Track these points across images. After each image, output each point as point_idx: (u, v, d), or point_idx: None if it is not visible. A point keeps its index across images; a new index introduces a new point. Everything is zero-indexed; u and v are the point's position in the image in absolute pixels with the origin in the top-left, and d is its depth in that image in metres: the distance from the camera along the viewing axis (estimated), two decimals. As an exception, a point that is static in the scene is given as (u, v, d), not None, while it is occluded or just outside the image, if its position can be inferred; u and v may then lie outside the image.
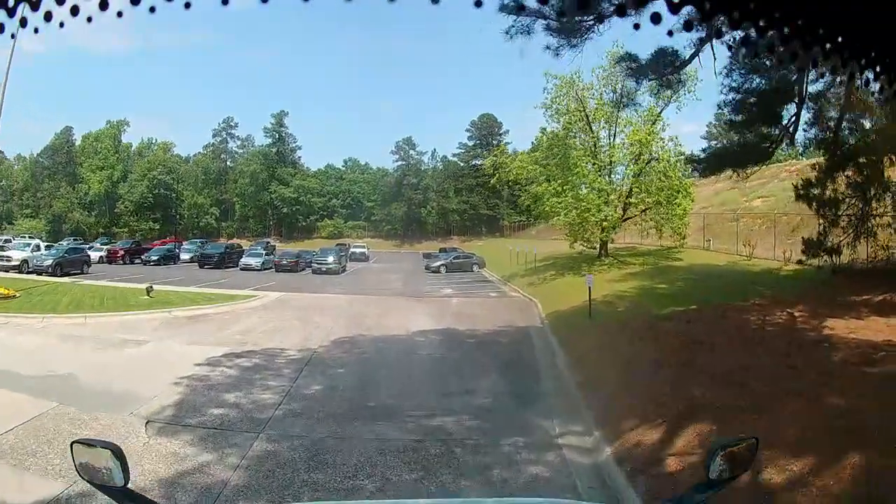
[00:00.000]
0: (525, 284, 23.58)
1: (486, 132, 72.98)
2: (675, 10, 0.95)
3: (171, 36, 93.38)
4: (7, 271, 26.48)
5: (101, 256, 36.01)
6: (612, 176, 25.34)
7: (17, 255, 28.51)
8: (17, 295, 16.81)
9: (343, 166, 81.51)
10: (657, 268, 20.94)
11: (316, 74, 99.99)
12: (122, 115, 76.14)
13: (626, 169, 25.19)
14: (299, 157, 78.64)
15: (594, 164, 24.71)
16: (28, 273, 26.53)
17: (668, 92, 17.78)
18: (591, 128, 25.26)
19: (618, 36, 21.92)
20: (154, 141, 76.83)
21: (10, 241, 39.95)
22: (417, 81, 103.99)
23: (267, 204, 73.78)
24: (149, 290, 17.73)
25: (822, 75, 1.13)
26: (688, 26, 0.99)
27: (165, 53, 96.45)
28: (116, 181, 70.47)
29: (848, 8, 1.04)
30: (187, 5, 0.94)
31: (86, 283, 22.41)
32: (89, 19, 0.91)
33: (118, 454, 1.60)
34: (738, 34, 1.00)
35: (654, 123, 24.30)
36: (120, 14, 0.91)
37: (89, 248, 38.17)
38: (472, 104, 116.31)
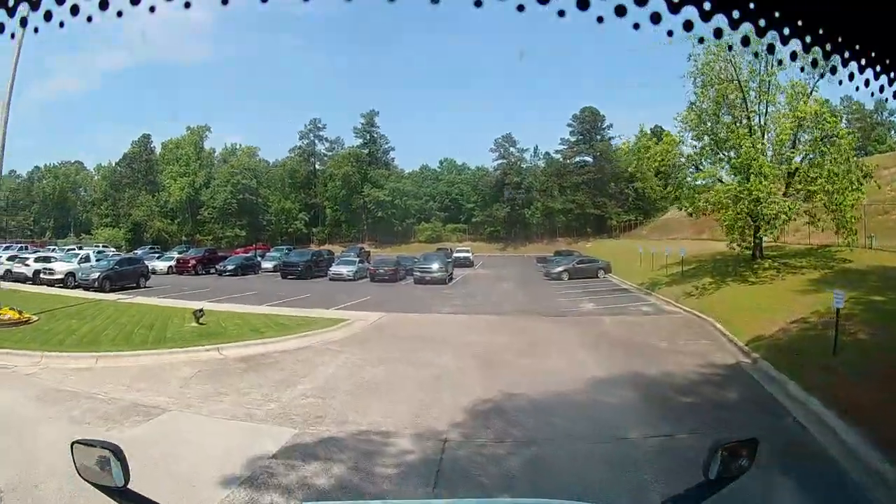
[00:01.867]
0: (679, 295, 19.23)
1: (589, 126, 67.30)
2: (674, 9, 0.95)
3: (252, 42, 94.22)
4: (51, 285, 23.54)
5: (169, 267, 32.45)
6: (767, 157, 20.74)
7: (61, 268, 25.22)
8: (34, 319, 13.85)
9: (439, 167, 76.48)
10: (838, 272, 16.88)
11: (406, 74, 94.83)
12: (202, 122, 72.52)
13: (787, 150, 21.13)
14: (392, 159, 73.81)
15: (753, 143, 20.48)
16: (73, 287, 23.32)
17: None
18: (745, 100, 21.23)
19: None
20: (238, 146, 73.73)
21: (56, 249, 36.68)
22: (513, 76, 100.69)
23: (360, 207, 69.18)
24: (198, 316, 13.33)
25: (823, 75, 1.13)
26: (688, 27, 0.99)
27: (247, 60, 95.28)
28: (199, 188, 67.31)
29: (848, 8, 1.04)
30: (187, 5, 0.94)
31: (129, 302, 18.52)
32: (89, 19, 0.91)
33: (119, 455, 1.60)
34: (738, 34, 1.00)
35: (807, 98, 20.37)
36: (120, 14, 0.91)
37: (158, 257, 34.87)
38: (572, 98, 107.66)
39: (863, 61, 1.10)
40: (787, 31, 1.02)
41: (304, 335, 12.86)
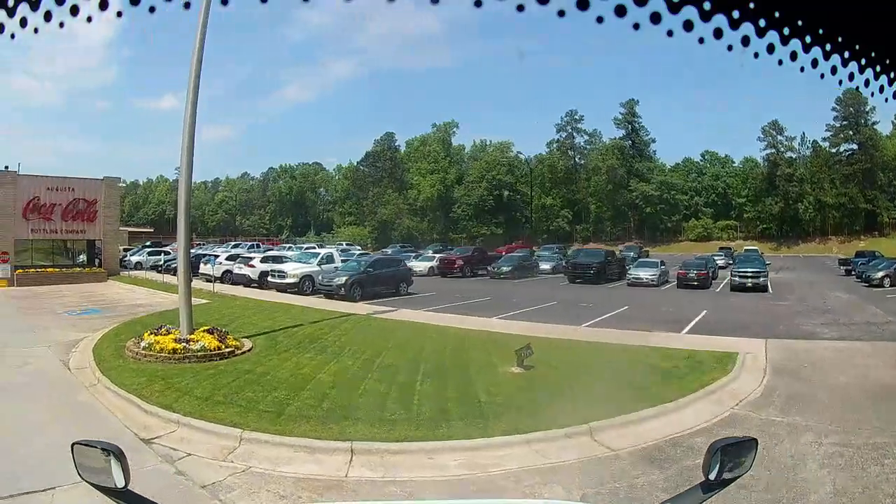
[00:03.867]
0: None
1: (853, 110, 58.15)
2: (674, 10, 0.95)
3: (490, 46, 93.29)
4: (282, 291, 19.33)
5: (430, 268, 28.37)
6: None
7: (294, 270, 20.52)
8: (246, 347, 10.04)
9: (701, 159, 68.92)
10: None
11: (663, 62, 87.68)
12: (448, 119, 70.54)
13: None
14: (654, 152, 67.61)
15: None
16: (310, 294, 19.02)
17: None
18: None
19: None
20: (487, 142, 70.64)
21: (312, 248, 33.27)
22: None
23: (626, 203, 63.65)
24: (523, 355, 8.30)
25: (822, 76, 1.13)
26: (687, 27, 0.99)
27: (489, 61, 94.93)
28: (450, 185, 65.35)
29: (848, 8, 1.04)
30: (187, 5, 0.94)
31: (391, 319, 13.74)
32: (89, 19, 0.91)
33: (119, 456, 1.60)
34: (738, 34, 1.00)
35: None
36: (119, 14, 0.91)
37: (414, 258, 30.48)
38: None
39: (863, 61, 1.10)
40: (787, 31, 1.02)
41: (703, 392, 7.61)
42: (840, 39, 1.06)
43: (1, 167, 26.54)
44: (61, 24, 0.93)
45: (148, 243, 41.91)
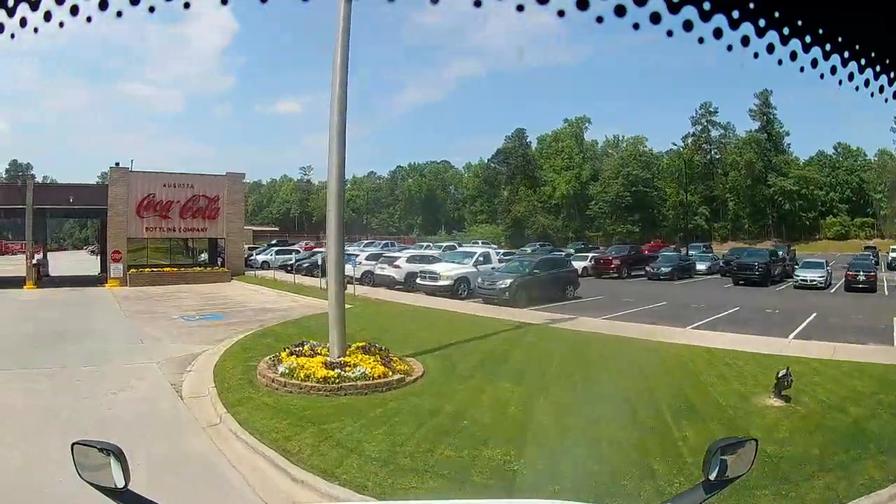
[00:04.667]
0: None
1: None
2: (674, 10, 0.95)
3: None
4: (433, 294, 17.64)
5: (584, 268, 26.46)
6: None
7: (448, 271, 18.58)
8: (417, 374, 7.89)
9: (833, 153, 64.96)
10: None
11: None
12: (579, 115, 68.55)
13: None
14: (788, 145, 64.36)
15: None
16: (465, 298, 17.26)
17: None
18: None
19: None
20: (620, 137, 68.71)
21: (452, 247, 32.34)
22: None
23: (763, 200, 60.73)
24: (784, 383, 6.62)
25: (822, 76, 1.14)
26: (687, 27, 0.99)
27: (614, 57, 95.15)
28: (585, 181, 64.03)
29: (848, 8, 1.04)
30: (186, 5, 0.94)
31: (574, 331, 11.75)
32: (89, 19, 0.91)
33: (119, 456, 1.60)
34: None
35: None
36: (119, 14, 0.91)
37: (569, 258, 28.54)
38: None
39: (863, 61, 1.10)
40: (786, 31, 1.02)
41: None
42: (840, 39, 1.06)
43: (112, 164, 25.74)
44: (61, 24, 0.93)
45: (273, 242, 41.69)
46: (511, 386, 7.38)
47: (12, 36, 0.94)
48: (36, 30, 0.93)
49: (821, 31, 1.04)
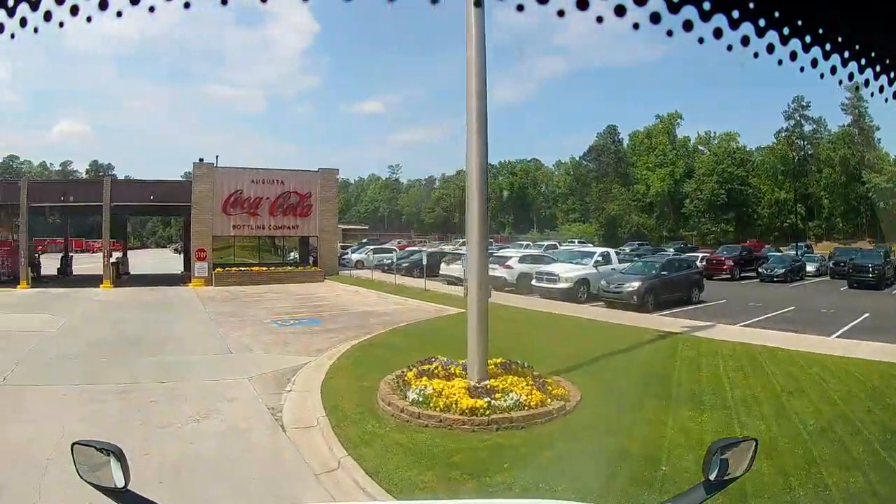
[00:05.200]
0: None
1: None
2: (674, 10, 0.95)
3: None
4: (548, 297, 16.56)
5: None
6: None
7: (567, 273, 17.49)
8: (574, 401, 6.56)
9: None
10: None
11: None
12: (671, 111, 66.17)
13: None
14: (878, 140, 61.18)
15: None
16: (585, 301, 16.19)
17: None
18: None
19: None
20: (711, 133, 66.45)
21: (554, 247, 32.28)
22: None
23: (857, 198, 58.74)
24: None
25: (822, 76, 1.14)
26: (687, 27, 0.99)
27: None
28: (679, 179, 62.29)
29: (848, 8, 1.04)
30: (187, 5, 0.94)
31: (719, 340, 10.44)
32: (89, 19, 0.91)
33: (119, 456, 1.60)
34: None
35: None
36: (119, 14, 0.91)
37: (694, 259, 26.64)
38: None
39: (863, 61, 1.10)
40: (786, 31, 1.02)
41: None
42: (840, 39, 1.06)
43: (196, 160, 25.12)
44: (61, 24, 0.93)
45: (364, 241, 41.88)
46: (694, 414, 6.05)
47: (12, 36, 0.94)
48: (36, 30, 0.93)
49: (821, 31, 1.04)
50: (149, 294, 20.29)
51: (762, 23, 1.00)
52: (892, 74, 1.13)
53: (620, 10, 0.94)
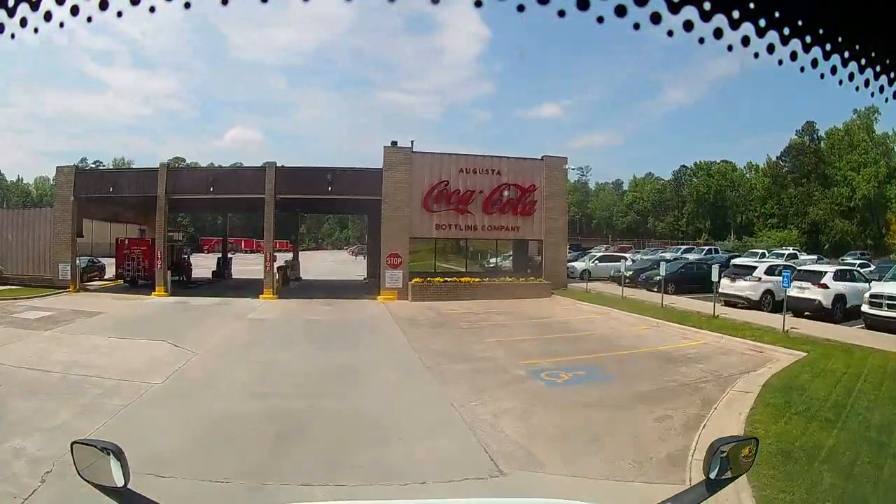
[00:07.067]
0: None
1: None
2: (674, 10, 0.95)
3: None
4: (881, 329, 11.94)
5: None
6: None
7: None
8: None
9: None
10: None
11: None
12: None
13: None
14: None
15: None
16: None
17: None
18: None
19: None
20: None
21: (765, 254, 30.06)
22: None
23: None
24: None
25: (822, 76, 1.14)
26: (688, 27, 0.99)
27: None
28: (882, 180, 56.23)
29: (848, 8, 1.04)
30: (187, 5, 0.94)
31: None
32: (89, 19, 0.91)
33: (118, 455, 1.60)
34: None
35: None
36: (120, 14, 0.91)
37: None
38: None
39: (863, 61, 1.10)
40: (787, 31, 1.02)
41: None
42: (840, 39, 1.06)
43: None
44: (61, 24, 0.93)
45: (581, 247, 39.79)
46: None
47: (12, 36, 0.94)
48: (36, 30, 0.93)
49: (821, 31, 1.04)
50: (323, 310, 15.56)
51: (762, 23, 1.00)
52: (892, 74, 1.13)
53: (621, 11, 0.94)
